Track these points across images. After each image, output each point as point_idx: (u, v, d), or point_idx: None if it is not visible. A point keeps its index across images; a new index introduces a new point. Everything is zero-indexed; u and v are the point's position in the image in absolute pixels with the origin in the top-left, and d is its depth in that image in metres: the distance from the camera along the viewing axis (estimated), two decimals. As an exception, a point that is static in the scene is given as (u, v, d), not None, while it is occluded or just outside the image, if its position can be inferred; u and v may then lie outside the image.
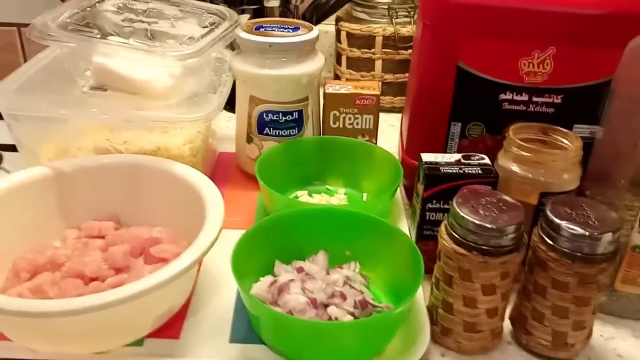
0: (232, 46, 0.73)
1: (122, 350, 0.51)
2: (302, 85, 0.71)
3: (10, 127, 0.67)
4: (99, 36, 0.67)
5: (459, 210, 0.49)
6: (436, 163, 0.58)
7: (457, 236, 0.49)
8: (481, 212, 0.48)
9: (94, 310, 0.45)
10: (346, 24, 0.93)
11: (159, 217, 0.61)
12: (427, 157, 0.59)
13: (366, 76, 0.94)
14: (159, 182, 0.62)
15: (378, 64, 0.93)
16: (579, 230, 0.47)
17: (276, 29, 0.70)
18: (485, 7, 0.58)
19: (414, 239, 0.60)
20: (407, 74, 0.92)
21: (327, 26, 0.99)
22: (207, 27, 0.70)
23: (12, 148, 0.74)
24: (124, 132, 0.67)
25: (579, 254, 0.47)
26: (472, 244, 0.48)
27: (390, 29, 0.91)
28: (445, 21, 0.60)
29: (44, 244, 0.59)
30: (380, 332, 0.50)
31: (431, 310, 0.54)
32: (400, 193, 0.72)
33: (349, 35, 0.93)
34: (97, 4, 0.73)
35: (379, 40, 0.91)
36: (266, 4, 0.91)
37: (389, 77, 0.94)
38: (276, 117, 0.71)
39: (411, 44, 0.91)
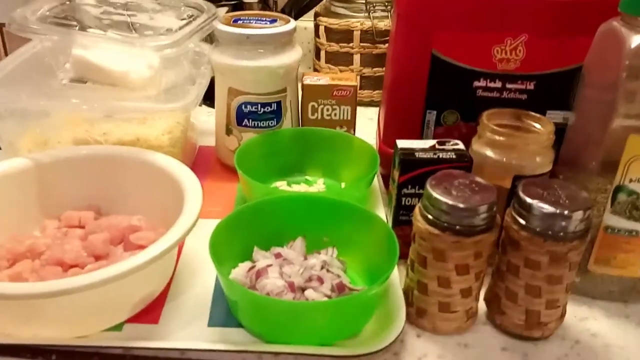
0: (210, 40, 0.73)
1: (101, 334, 0.51)
2: (280, 76, 0.71)
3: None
4: (78, 29, 0.67)
5: (432, 192, 0.49)
6: (411, 149, 0.59)
7: (430, 217, 0.50)
8: (454, 193, 0.49)
9: (72, 292, 0.45)
10: (324, 19, 0.94)
11: (138, 206, 0.62)
12: (402, 143, 0.60)
13: (345, 70, 0.95)
14: (137, 172, 0.62)
15: (356, 58, 0.94)
16: (550, 208, 0.48)
17: (254, 21, 0.71)
18: (457, -5, 0.60)
19: (390, 224, 0.61)
20: (384, 68, 0.93)
21: (306, 22, 1.00)
22: (185, 19, 0.71)
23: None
24: (103, 124, 0.68)
25: (550, 232, 0.48)
26: (445, 224, 0.49)
27: (368, 24, 0.92)
28: (419, 10, 0.61)
29: (24, 233, 0.59)
30: (356, 313, 0.51)
31: (406, 292, 0.54)
32: (377, 182, 0.72)
33: (328, 29, 0.94)
34: (75, -2, 0.73)
35: (357, 34, 0.92)
36: (245, 0, 0.91)
37: (367, 71, 0.95)
38: (255, 108, 0.72)
39: (388, 38, 0.92)
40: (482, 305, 0.55)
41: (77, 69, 0.68)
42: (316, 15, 0.97)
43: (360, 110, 0.76)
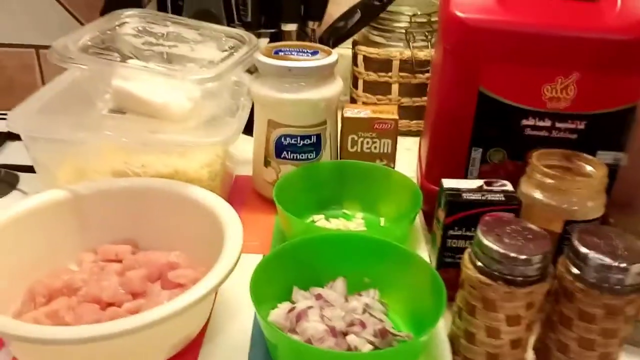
0: (250, 70, 0.73)
1: (138, 377, 0.50)
2: (321, 109, 0.70)
3: (28, 148, 0.67)
4: (118, 59, 0.67)
5: (483, 239, 0.48)
6: (458, 189, 0.57)
7: (481, 265, 0.48)
8: (506, 240, 0.47)
9: (110, 339, 0.44)
10: (363, 48, 0.93)
11: (176, 241, 0.61)
12: (448, 182, 0.58)
13: (382, 99, 0.94)
14: (176, 206, 0.62)
15: (395, 88, 0.93)
16: (607, 260, 0.46)
17: (295, 53, 0.70)
18: (506, 32, 0.58)
19: (434, 266, 0.59)
20: (423, 98, 0.92)
21: (344, 50, 0.99)
22: (226, 50, 0.70)
23: (28, 169, 0.74)
24: (142, 155, 0.67)
25: (606, 285, 0.46)
26: (496, 273, 0.47)
27: (407, 53, 0.90)
28: (466, 46, 0.60)
29: (60, 267, 0.59)
30: (401, 362, 0.49)
31: (452, 339, 0.53)
32: (419, 219, 0.71)
33: (366, 58, 0.93)
34: (117, 27, 0.73)
35: (395, 64, 0.91)
36: (283, 28, 0.91)
37: (405, 100, 0.93)
38: (294, 140, 0.71)
39: (428, 68, 0.90)
40: (531, 354, 0.53)
41: (117, 99, 0.68)
42: (354, 43, 0.96)
43: (398, 140, 0.74)
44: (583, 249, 0.47)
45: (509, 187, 0.58)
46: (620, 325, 0.48)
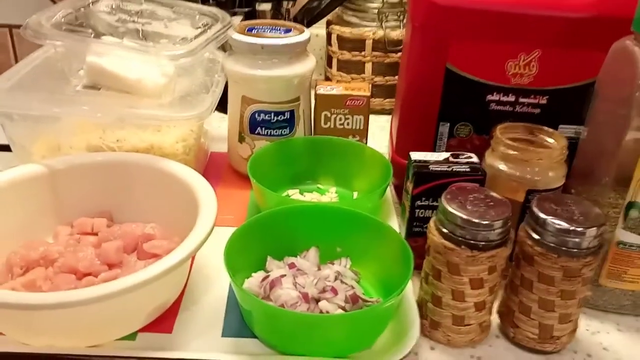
0: (224, 47, 0.74)
1: (114, 344, 0.51)
2: (294, 85, 0.72)
3: (3, 126, 0.67)
4: (92, 36, 0.68)
5: (447, 206, 0.50)
6: (425, 161, 0.59)
7: (445, 231, 0.50)
8: (469, 207, 0.50)
9: (87, 303, 0.45)
10: (337, 27, 0.94)
11: (151, 214, 0.62)
12: (416, 155, 0.60)
13: (357, 78, 0.96)
14: (151, 180, 0.63)
15: (368, 67, 0.95)
16: (564, 225, 0.48)
17: (268, 31, 0.71)
18: (473, 10, 0.60)
19: (403, 235, 0.61)
20: (396, 77, 0.94)
21: (318, 29, 1.01)
22: (200, 28, 0.71)
23: (4, 148, 0.74)
24: (117, 131, 0.68)
25: (564, 248, 0.48)
26: (460, 238, 0.49)
27: (380, 33, 0.92)
28: (434, 23, 0.62)
29: (37, 240, 0.60)
30: (370, 325, 0.51)
31: (420, 304, 0.55)
32: (390, 192, 0.73)
33: (340, 38, 0.95)
34: (90, 5, 0.74)
35: (369, 43, 0.93)
36: (258, 7, 0.92)
37: (379, 79, 0.95)
38: (268, 117, 0.72)
39: (400, 47, 0.92)
40: (495, 318, 0.56)
41: (91, 75, 0.68)
42: (328, 23, 0.97)
43: (371, 118, 0.76)
44: (542, 215, 0.49)
45: (474, 159, 0.60)
46: (578, 287, 0.50)
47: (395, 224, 0.66)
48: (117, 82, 0.67)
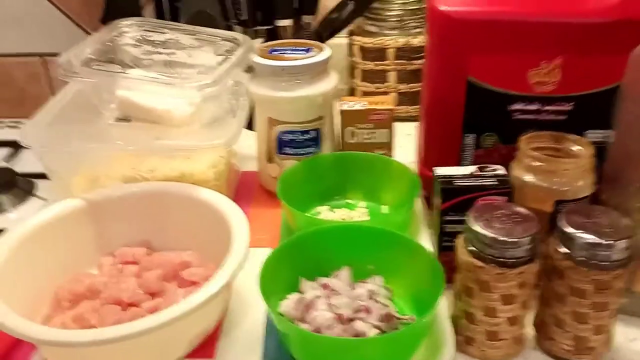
0: (248, 69, 0.75)
1: (160, 371, 0.54)
2: (318, 104, 0.73)
3: (41, 159, 0.70)
4: (120, 70, 0.70)
5: (474, 224, 0.50)
6: (450, 176, 0.59)
7: (473, 249, 0.51)
8: (495, 225, 0.50)
9: (132, 338, 0.47)
10: (358, 38, 0.95)
11: (187, 241, 0.64)
12: (440, 170, 0.61)
13: (381, 87, 0.96)
14: (185, 208, 0.65)
15: (392, 75, 0.95)
16: (592, 238, 0.48)
17: (289, 52, 0.73)
18: (489, 22, 0.60)
19: (435, 248, 0.62)
20: (421, 84, 0.94)
21: (340, 39, 1.01)
22: (222, 55, 0.73)
23: (43, 176, 0.77)
24: (150, 159, 0.70)
25: (593, 262, 0.49)
26: (488, 256, 0.50)
27: (401, 41, 0.92)
28: (452, 38, 0.62)
29: (82, 272, 0.62)
30: (405, 344, 0.52)
31: (454, 320, 0.55)
32: (420, 203, 0.73)
33: (362, 48, 0.95)
34: (116, 38, 0.76)
35: (391, 52, 0.93)
36: (278, 24, 0.93)
37: (403, 87, 0.95)
38: (294, 136, 0.73)
39: (423, 53, 0.92)
40: (531, 330, 0.56)
41: (122, 108, 0.71)
42: (350, 33, 0.98)
43: (398, 126, 0.76)
44: (570, 229, 0.49)
45: (501, 171, 0.60)
46: (610, 298, 0.50)
47: (426, 235, 0.67)
48: (147, 114, 0.69)
